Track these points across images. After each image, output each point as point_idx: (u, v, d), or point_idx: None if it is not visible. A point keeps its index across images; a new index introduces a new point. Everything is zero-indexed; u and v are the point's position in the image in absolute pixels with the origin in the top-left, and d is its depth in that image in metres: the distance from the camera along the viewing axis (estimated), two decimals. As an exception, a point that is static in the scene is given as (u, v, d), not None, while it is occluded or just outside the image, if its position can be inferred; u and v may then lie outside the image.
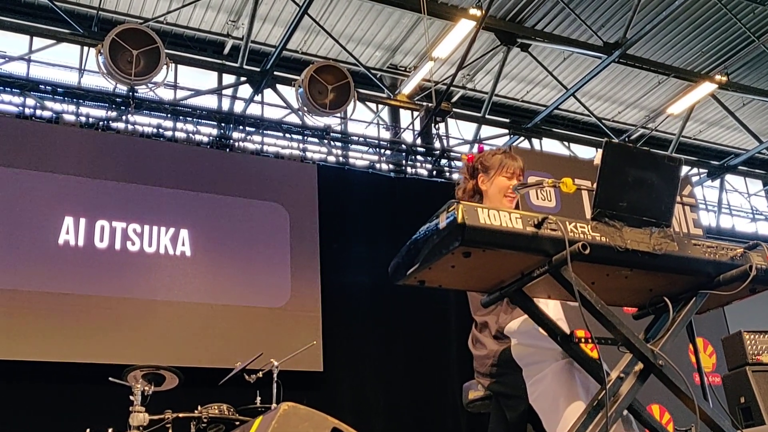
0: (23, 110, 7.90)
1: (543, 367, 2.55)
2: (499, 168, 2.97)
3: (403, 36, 9.83)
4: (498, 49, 9.78)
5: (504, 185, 2.95)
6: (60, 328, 6.77)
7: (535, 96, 11.22)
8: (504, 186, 2.95)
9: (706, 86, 9.97)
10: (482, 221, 2.09)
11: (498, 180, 2.96)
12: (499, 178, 2.96)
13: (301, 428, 2.14)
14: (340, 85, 8.63)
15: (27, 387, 6.54)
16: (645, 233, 2.32)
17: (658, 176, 2.38)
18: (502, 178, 2.96)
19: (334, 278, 8.12)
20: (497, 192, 2.95)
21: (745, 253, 2.46)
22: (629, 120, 11.78)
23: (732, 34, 9.99)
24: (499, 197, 2.94)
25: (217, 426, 5.15)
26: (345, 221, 8.53)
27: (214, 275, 7.60)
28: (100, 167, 7.53)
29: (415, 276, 2.26)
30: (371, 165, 9.60)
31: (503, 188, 2.94)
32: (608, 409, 2.20)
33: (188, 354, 6.99)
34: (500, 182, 2.96)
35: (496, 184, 2.96)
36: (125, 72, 7.75)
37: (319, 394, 7.15)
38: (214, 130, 8.82)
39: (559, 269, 2.16)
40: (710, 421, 2.40)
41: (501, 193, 2.94)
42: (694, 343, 2.76)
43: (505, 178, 2.96)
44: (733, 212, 12.71)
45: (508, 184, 2.94)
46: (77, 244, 7.13)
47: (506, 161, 2.98)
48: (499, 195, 2.94)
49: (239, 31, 9.39)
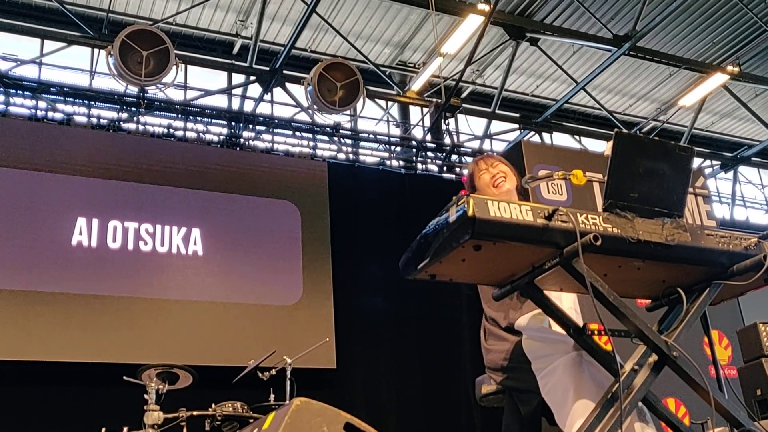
0: (35, 113, 7.95)
1: (553, 360, 2.54)
2: (474, 173, 3.10)
3: (411, 32, 9.81)
4: (507, 44, 9.74)
5: (485, 180, 3.05)
6: (74, 328, 6.81)
7: (545, 90, 11.17)
8: (486, 181, 3.05)
9: (718, 77, 9.89)
10: (492, 214, 2.08)
11: (480, 182, 3.06)
12: (480, 180, 3.06)
13: (314, 423, 2.14)
14: (349, 82, 8.62)
15: (42, 387, 6.59)
16: (657, 224, 2.31)
17: (669, 166, 2.36)
18: (482, 177, 3.06)
19: (346, 275, 8.12)
20: (486, 188, 3.03)
21: (759, 243, 2.44)
22: (640, 113, 11.70)
23: (743, 24, 9.90)
24: (489, 192, 3.01)
25: (231, 424, 5.15)
26: (356, 218, 8.53)
27: (226, 274, 7.62)
28: (112, 168, 7.57)
29: (426, 270, 2.25)
30: (381, 162, 9.60)
31: (487, 183, 3.04)
32: (622, 401, 2.19)
33: (202, 353, 7.02)
34: (482, 181, 3.06)
35: (480, 186, 3.05)
36: (135, 73, 7.78)
37: (332, 391, 7.17)
38: (224, 129, 8.84)
39: (571, 261, 2.15)
40: (726, 412, 2.38)
41: (489, 187, 3.03)
42: (709, 335, 2.74)
43: (483, 175, 3.06)
44: (747, 204, 12.60)
45: (488, 177, 3.05)
46: (90, 245, 7.17)
47: (474, 165, 3.14)
48: (489, 190, 3.02)
49: (248, 31, 9.41)
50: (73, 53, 8.89)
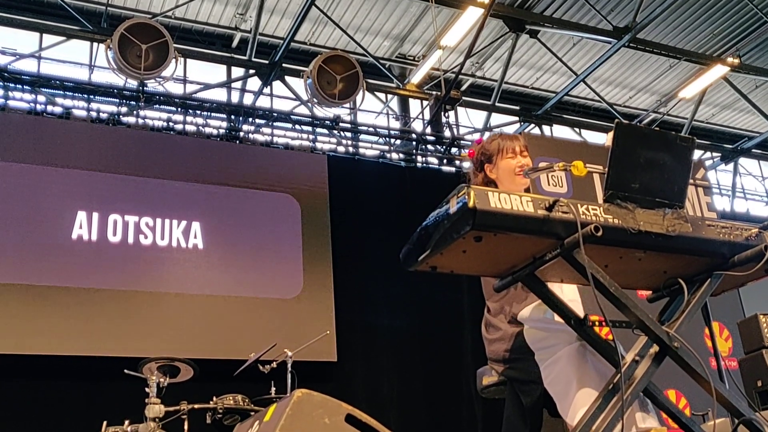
0: (34, 107, 7.93)
1: (556, 350, 2.54)
2: (500, 152, 2.95)
3: (411, 25, 9.78)
4: (507, 36, 9.71)
5: (510, 166, 2.92)
6: (75, 322, 6.82)
7: (545, 83, 11.14)
8: (511, 167, 2.92)
9: (718, 69, 9.86)
10: (493, 205, 2.08)
11: (503, 163, 2.94)
12: (503, 161, 2.94)
13: (315, 415, 2.14)
14: (348, 75, 8.60)
15: (43, 381, 6.60)
16: (658, 214, 2.30)
17: (670, 157, 2.36)
18: (506, 160, 2.94)
19: (346, 268, 8.12)
20: (507, 174, 2.92)
21: (760, 233, 2.44)
22: (640, 105, 11.68)
23: (743, 15, 9.87)
24: (510, 179, 2.91)
25: (233, 416, 5.16)
26: (356, 211, 8.52)
27: (226, 267, 7.62)
28: (112, 162, 7.57)
29: (427, 262, 2.25)
30: (381, 155, 9.59)
31: (511, 169, 2.92)
32: (624, 392, 2.19)
33: (202, 346, 7.02)
34: (506, 164, 2.93)
35: (502, 167, 2.94)
36: (134, 67, 7.76)
37: (333, 384, 7.18)
38: (224, 122, 8.83)
39: (572, 252, 2.15)
40: (727, 403, 2.38)
41: (511, 174, 2.91)
42: (710, 326, 2.74)
43: (509, 159, 2.94)
44: (748, 196, 12.58)
45: (514, 163, 2.92)
46: (90, 239, 7.18)
47: (504, 143, 2.97)
48: (510, 176, 2.91)
49: (247, 24, 9.38)
50: (72, 47, 8.87)
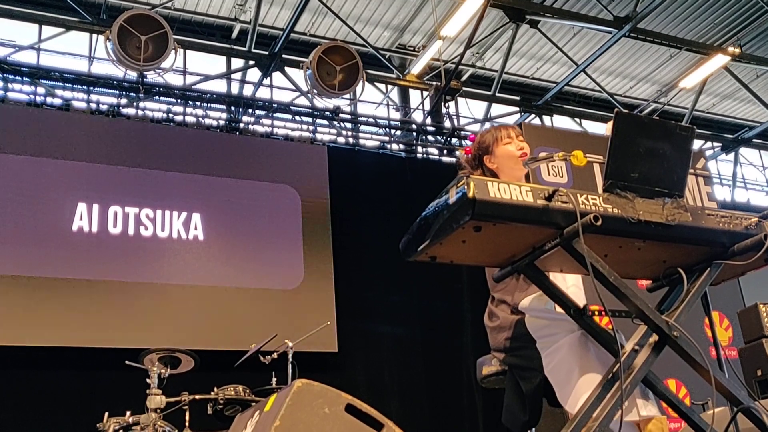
0: (34, 98, 7.91)
1: (557, 339, 2.54)
2: (496, 140, 2.93)
3: (411, 15, 9.74)
4: (507, 26, 9.67)
5: (509, 152, 2.91)
6: (75, 313, 6.84)
7: (546, 73, 11.11)
8: (510, 152, 2.90)
9: (719, 59, 9.83)
10: (492, 195, 2.08)
11: (501, 150, 2.92)
12: (501, 147, 2.92)
13: (316, 405, 2.15)
14: (348, 65, 8.58)
15: (44, 372, 6.62)
16: (657, 204, 2.30)
17: (670, 146, 2.36)
18: (504, 146, 2.92)
19: (347, 258, 8.13)
20: (507, 160, 2.90)
21: (760, 223, 2.44)
22: (641, 95, 11.65)
23: (744, 4, 9.82)
24: (511, 164, 2.89)
25: (234, 407, 5.18)
26: (356, 202, 8.53)
27: (227, 258, 7.63)
28: (112, 153, 7.56)
29: (426, 252, 2.25)
30: (381, 145, 9.58)
31: (511, 155, 2.90)
32: (623, 381, 2.19)
33: (203, 337, 7.04)
34: (504, 150, 2.92)
35: (502, 155, 2.91)
36: (134, 58, 7.74)
37: (334, 374, 7.19)
38: (223, 114, 8.82)
39: (571, 242, 2.15)
40: (726, 391, 2.39)
41: (511, 159, 2.89)
42: (709, 316, 2.74)
43: (506, 144, 2.92)
44: (748, 186, 12.58)
45: (513, 148, 2.91)
46: (91, 230, 7.18)
47: (499, 132, 2.95)
48: (510, 162, 2.89)
49: (247, 15, 9.35)
50: (71, 39, 8.85)
